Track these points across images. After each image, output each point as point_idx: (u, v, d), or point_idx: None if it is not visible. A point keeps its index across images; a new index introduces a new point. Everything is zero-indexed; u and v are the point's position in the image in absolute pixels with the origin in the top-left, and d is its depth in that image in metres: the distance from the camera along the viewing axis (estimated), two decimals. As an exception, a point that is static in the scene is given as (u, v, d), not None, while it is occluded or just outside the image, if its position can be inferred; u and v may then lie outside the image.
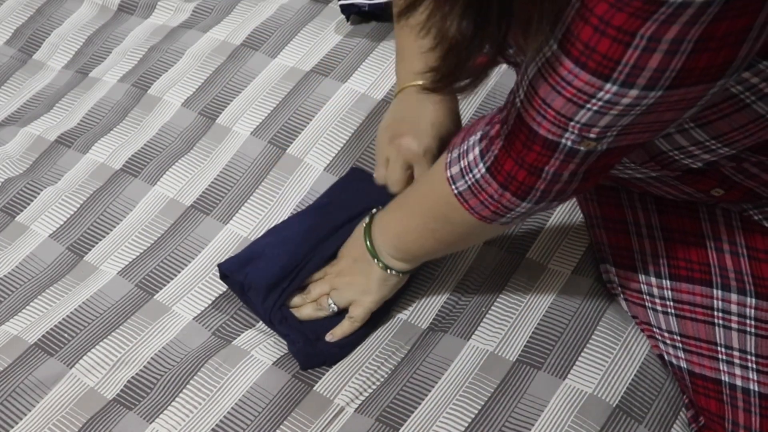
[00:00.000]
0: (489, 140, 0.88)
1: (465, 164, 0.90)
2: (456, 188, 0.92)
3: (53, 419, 1.08)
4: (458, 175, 0.91)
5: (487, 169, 0.88)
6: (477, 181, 0.90)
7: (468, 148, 0.91)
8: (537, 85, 0.78)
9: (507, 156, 0.85)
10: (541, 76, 0.77)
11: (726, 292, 0.99)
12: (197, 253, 1.23)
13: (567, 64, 0.74)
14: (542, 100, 0.78)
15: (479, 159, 0.89)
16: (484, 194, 0.90)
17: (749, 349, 0.97)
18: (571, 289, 1.11)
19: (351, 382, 1.07)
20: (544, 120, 0.79)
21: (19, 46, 1.62)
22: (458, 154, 0.92)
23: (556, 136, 0.80)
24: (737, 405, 0.97)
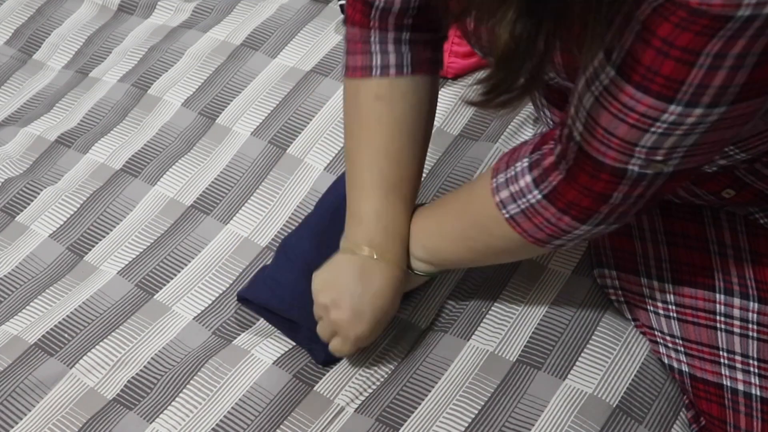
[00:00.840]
0: (543, 171, 0.86)
1: (516, 189, 0.89)
2: (507, 212, 0.90)
3: (53, 419, 1.08)
4: (509, 199, 0.90)
5: (544, 196, 0.87)
6: (532, 206, 0.88)
7: (516, 174, 0.89)
8: (597, 116, 0.77)
9: (569, 187, 0.84)
10: (601, 105, 0.76)
11: (729, 297, 0.99)
12: (197, 253, 1.23)
13: (628, 90, 0.73)
14: (605, 129, 0.77)
15: (532, 186, 0.87)
16: (539, 218, 0.88)
17: (751, 353, 0.97)
18: (571, 289, 1.11)
19: (351, 382, 1.07)
20: (609, 149, 0.78)
21: (19, 46, 1.62)
22: (505, 179, 0.90)
23: (622, 164, 0.79)
24: (739, 409, 0.97)
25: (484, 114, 1.33)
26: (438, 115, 1.33)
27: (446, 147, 1.30)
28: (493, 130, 1.30)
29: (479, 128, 1.31)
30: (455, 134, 1.31)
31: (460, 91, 1.36)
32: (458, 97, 1.35)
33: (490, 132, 1.30)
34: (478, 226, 0.96)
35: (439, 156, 1.29)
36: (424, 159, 1.06)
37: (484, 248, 0.98)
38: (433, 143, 1.30)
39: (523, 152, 0.90)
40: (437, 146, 1.30)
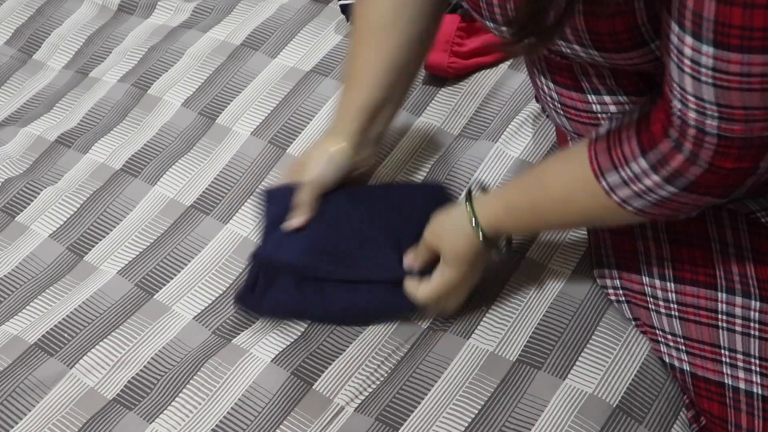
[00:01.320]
0: (674, 171, 0.85)
1: (641, 188, 0.88)
2: (632, 207, 0.90)
3: (53, 419, 1.08)
4: (633, 197, 0.89)
5: (683, 189, 0.86)
6: (666, 198, 0.87)
7: (637, 175, 0.87)
8: (728, 100, 0.76)
9: (713, 176, 0.83)
10: (723, 88, 0.75)
11: (730, 295, 0.99)
12: (197, 253, 1.23)
13: (735, 58, 0.73)
14: (743, 108, 0.77)
15: (665, 183, 0.86)
16: (674, 203, 0.88)
17: (753, 352, 0.97)
18: (571, 289, 1.11)
19: (351, 381, 1.07)
20: (756, 123, 0.78)
21: (19, 46, 1.62)
22: (622, 180, 0.89)
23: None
24: (740, 408, 0.97)
25: (484, 114, 1.33)
26: (438, 115, 1.34)
27: (446, 147, 1.30)
28: (493, 130, 1.30)
29: (479, 128, 1.31)
30: (455, 134, 1.31)
31: (461, 90, 1.36)
32: (458, 97, 1.35)
33: (490, 132, 1.30)
34: (588, 218, 1.00)
35: (440, 155, 1.29)
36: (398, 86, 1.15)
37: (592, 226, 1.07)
38: (433, 143, 1.30)
39: (629, 153, 0.88)
40: (437, 146, 1.30)
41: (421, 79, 1.39)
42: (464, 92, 1.36)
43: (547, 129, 1.28)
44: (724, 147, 0.81)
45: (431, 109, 1.35)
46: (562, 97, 1.02)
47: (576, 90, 1.00)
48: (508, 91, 1.35)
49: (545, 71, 1.02)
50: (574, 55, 0.92)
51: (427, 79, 1.39)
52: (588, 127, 1.02)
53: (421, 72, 1.39)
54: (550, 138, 1.27)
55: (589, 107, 1.00)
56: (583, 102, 1.00)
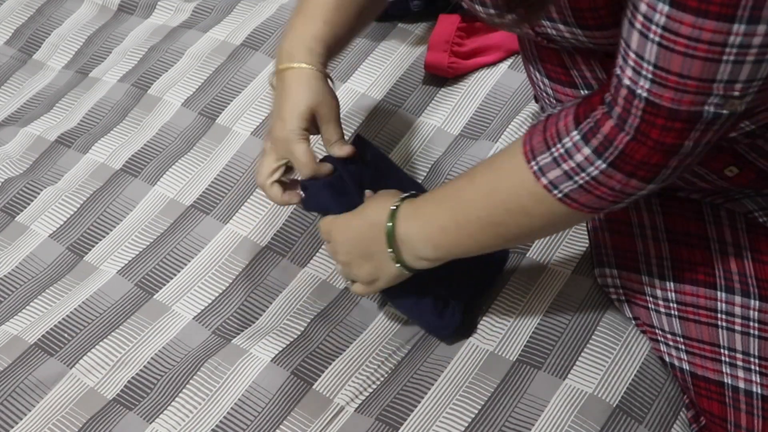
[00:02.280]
0: (604, 138, 0.84)
1: (572, 166, 0.86)
2: (560, 191, 0.87)
3: (53, 419, 1.08)
4: (561, 178, 0.87)
5: (610, 163, 0.84)
6: (594, 178, 0.85)
7: (568, 149, 0.86)
8: (667, 64, 0.76)
9: (639, 146, 0.82)
10: (667, 49, 0.75)
11: (730, 295, 0.99)
12: (197, 252, 1.23)
13: (688, 20, 0.72)
14: (678, 75, 0.76)
15: (594, 157, 0.85)
16: (603, 188, 0.86)
17: (752, 351, 0.97)
18: (571, 289, 1.11)
19: (351, 381, 1.07)
20: (686, 94, 0.77)
21: (19, 46, 1.62)
22: (552, 158, 0.87)
23: (698, 105, 0.78)
24: (740, 407, 0.97)
25: (484, 114, 1.33)
26: (438, 115, 1.34)
27: (446, 146, 1.30)
28: (493, 130, 1.30)
29: (479, 128, 1.31)
30: (455, 134, 1.31)
31: (460, 91, 1.36)
32: (458, 97, 1.35)
33: (490, 131, 1.30)
34: (515, 211, 0.92)
35: (440, 155, 1.29)
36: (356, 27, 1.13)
37: (519, 231, 0.94)
38: (433, 143, 1.31)
39: (563, 127, 0.87)
40: (437, 145, 1.30)
41: (421, 79, 1.39)
42: (464, 92, 1.36)
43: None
44: (651, 114, 0.80)
45: (431, 109, 1.35)
46: (557, 93, 1.02)
47: (570, 86, 1.00)
48: (508, 91, 1.35)
49: (538, 63, 1.02)
50: (560, 37, 0.92)
51: (427, 79, 1.39)
52: None
53: (421, 72, 1.39)
54: (550, 138, 1.27)
55: None
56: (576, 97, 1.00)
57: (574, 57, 0.97)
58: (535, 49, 1.02)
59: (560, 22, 0.89)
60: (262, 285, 1.18)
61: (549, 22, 0.91)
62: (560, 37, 0.92)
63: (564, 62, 0.99)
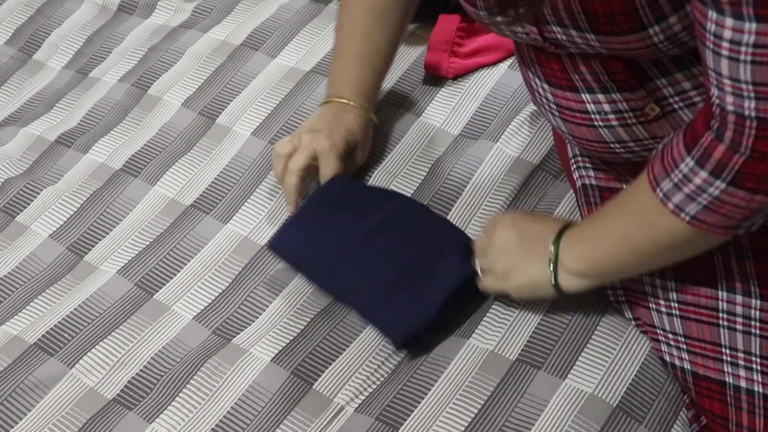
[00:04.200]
0: (718, 162, 0.84)
1: (692, 189, 0.87)
2: (687, 214, 0.88)
3: (53, 419, 1.08)
4: (686, 201, 0.88)
5: (730, 183, 0.85)
6: (717, 198, 0.86)
7: (686, 175, 0.87)
8: (765, 77, 0.76)
9: (757, 163, 0.83)
10: (761, 64, 0.75)
11: (731, 294, 0.99)
12: (197, 252, 1.23)
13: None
14: None
15: (713, 179, 0.85)
16: (727, 207, 0.86)
17: (754, 350, 0.97)
18: (572, 288, 1.11)
19: (351, 381, 1.07)
20: None
21: (19, 46, 1.62)
22: (674, 184, 0.88)
23: None
24: (741, 407, 0.97)
25: (484, 114, 1.33)
26: (438, 115, 1.34)
27: (447, 146, 1.30)
28: (493, 130, 1.30)
29: (479, 128, 1.31)
30: (455, 134, 1.31)
31: (460, 91, 1.36)
32: (458, 97, 1.35)
33: (490, 131, 1.30)
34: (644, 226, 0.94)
35: (440, 155, 1.29)
36: (397, 38, 1.29)
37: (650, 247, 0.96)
38: (433, 143, 1.31)
39: (677, 155, 0.88)
40: (437, 145, 1.30)
41: (421, 79, 1.39)
42: (464, 92, 1.36)
43: (546, 129, 1.28)
44: (765, 130, 0.80)
45: (431, 109, 1.35)
46: (557, 98, 1.02)
47: (570, 90, 1.00)
48: (508, 91, 1.35)
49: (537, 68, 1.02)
50: (570, 42, 0.92)
51: (427, 79, 1.39)
52: (582, 129, 1.02)
53: (421, 72, 1.39)
54: (550, 138, 1.27)
55: (584, 107, 1.00)
56: (577, 102, 1.00)
57: (575, 60, 0.97)
58: (534, 54, 1.02)
59: (572, 27, 0.89)
60: (262, 285, 1.18)
61: (560, 28, 0.90)
62: (570, 43, 0.92)
63: (564, 66, 0.99)
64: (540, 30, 0.93)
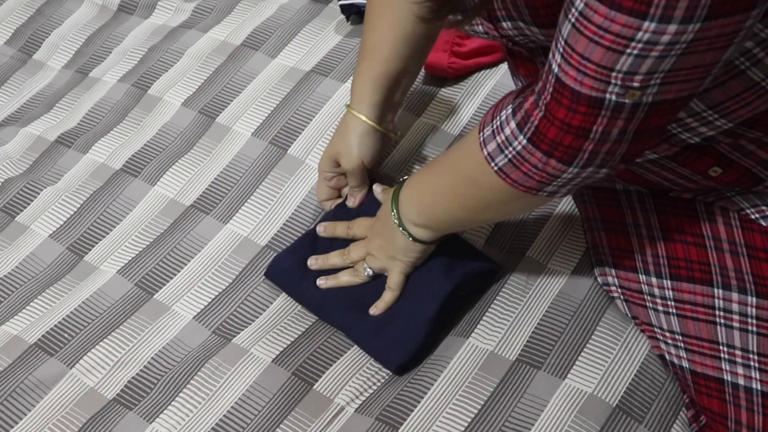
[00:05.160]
0: (524, 113, 0.87)
1: (502, 139, 0.90)
2: (496, 164, 0.91)
3: (53, 419, 1.08)
4: (496, 151, 0.91)
5: (528, 139, 0.87)
6: (518, 153, 0.89)
7: (501, 123, 0.90)
8: (574, 42, 0.78)
9: (550, 124, 0.85)
10: (577, 31, 0.77)
11: (727, 291, 0.99)
12: (197, 252, 1.23)
13: (602, 10, 0.73)
14: (581, 55, 0.78)
15: (517, 132, 0.88)
16: (527, 165, 0.89)
17: (751, 347, 0.97)
18: (571, 289, 1.11)
19: (351, 381, 1.07)
20: (586, 77, 0.79)
21: (19, 46, 1.62)
22: (492, 130, 0.91)
23: (599, 92, 0.79)
24: (740, 404, 0.97)
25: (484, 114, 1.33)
26: (438, 115, 1.34)
27: (447, 146, 1.30)
28: (493, 130, 1.30)
29: (479, 128, 1.31)
30: (455, 134, 1.31)
31: (461, 91, 1.36)
32: (458, 97, 1.35)
33: (490, 132, 1.30)
34: (468, 181, 0.98)
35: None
36: (414, 56, 1.19)
37: (476, 203, 1.00)
38: (433, 143, 1.31)
39: (507, 101, 0.92)
40: (437, 145, 1.30)
41: (421, 79, 1.39)
42: (464, 92, 1.36)
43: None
44: (558, 92, 0.82)
45: (431, 109, 1.35)
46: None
47: None
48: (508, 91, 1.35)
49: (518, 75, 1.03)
50: (521, 36, 0.93)
51: (427, 79, 1.39)
52: None
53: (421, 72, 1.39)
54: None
55: None
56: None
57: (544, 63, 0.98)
58: (512, 62, 1.03)
59: (519, 20, 0.90)
60: (262, 285, 1.18)
61: (510, 22, 0.91)
62: (522, 37, 0.93)
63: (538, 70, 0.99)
64: (495, 27, 0.94)
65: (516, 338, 1.08)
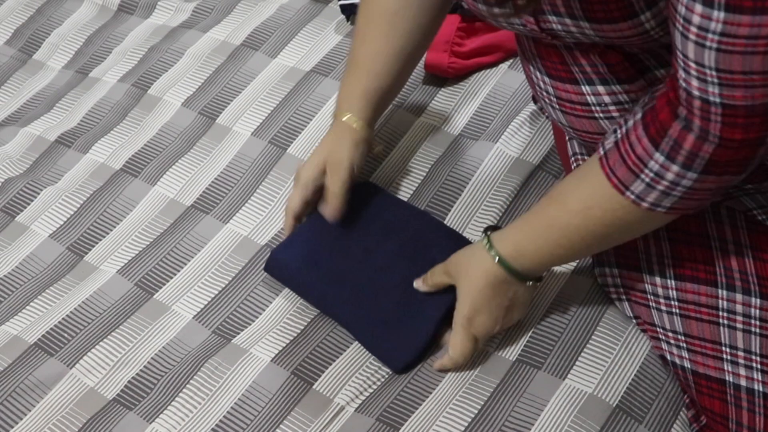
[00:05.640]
0: (689, 153, 0.85)
1: (666, 185, 0.88)
2: (662, 207, 0.90)
3: (53, 419, 1.08)
4: (660, 197, 0.89)
5: (701, 172, 0.86)
6: (690, 188, 0.88)
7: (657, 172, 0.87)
8: (729, 65, 0.77)
9: (726, 151, 0.84)
10: (726, 53, 0.76)
11: (731, 292, 0.99)
12: (197, 252, 1.23)
13: (746, 21, 0.73)
14: (743, 72, 0.77)
15: (685, 171, 0.86)
16: (699, 192, 0.88)
17: (754, 349, 0.97)
18: (571, 289, 1.11)
19: (351, 381, 1.07)
20: (755, 89, 0.78)
21: (19, 46, 1.62)
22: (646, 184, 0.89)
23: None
24: (741, 405, 0.97)
25: (485, 114, 1.33)
26: (438, 115, 1.34)
27: (446, 147, 1.30)
28: (493, 130, 1.30)
29: (479, 128, 1.31)
30: (455, 134, 1.31)
31: (460, 91, 1.36)
32: (458, 97, 1.35)
33: (490, 132, 1.30)
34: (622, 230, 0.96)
35: (439, 156, 1.29)
36: (403, 74, 1.21)
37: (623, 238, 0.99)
38: (433, 143, 1.31)
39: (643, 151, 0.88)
40: (437, 146, 1.30)
41: (421, 79, 1.39)
42: (464, 92, 1.36)
43: (546, 129, 1.28)
44: (730, 117, 0.81)
45: (431, 109, 1.35)
46: (558, 91, 1.02)
47: (570, 82, 1.00)
48: (508, 91, 1.35)
49: (538, 61, 1.02)
50: (566, 32, 0.92)
51: (427, 79, 1.39)
52: (583, 121, 1.03)
53: (421, 72, 1.39)
54: (550, 138, 1.27)
55: (584, 99, 1.00)
56: (577, 94, 1.00)
57: (573, 52, 0.98)
58: (534, 48, 1.02)
59: (568, 16, 0.90)
60: (262, 284, 1.18)
61: (555, 17, 0.91)
62: (566, 32, 0.93)
63: (564, 59, 0.99)
64: (537, 21, 0.93)
65: (516, 338, 1.08)
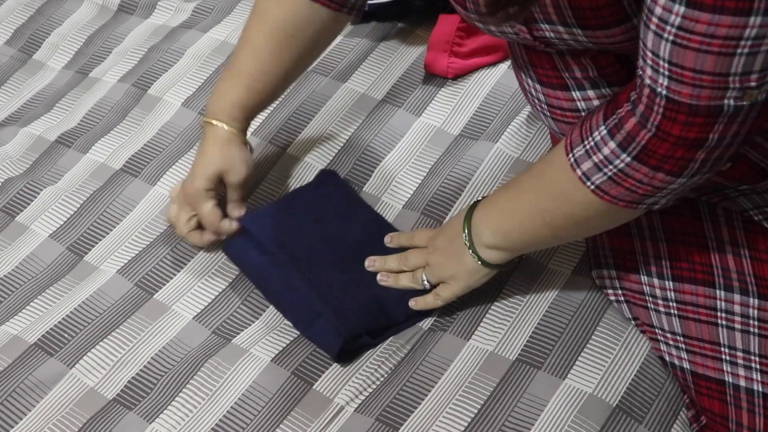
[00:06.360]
0: (627, 134, 0.86)
1: (600, 158, 0.89)
2: (592, 183, 0.90)
3: (53, 419, 1.08)
4: (593, 169, 0.90)
5: (634, 157, 0.86)
6: (621, 170, 0.88)
7: (597, 143, 0.89)
8: (682, 60, 0.77)
9: (661, 142, 0.84)
10: (681, 47, 0.76)
11: (729, 293, 0.99)
12: (197, 252, 1.23)
13: (704, 18, 0.73)
14: (692, 70, 0.77)
15: (619, 151, 0.87)
16: (630, 180, 0.88)
17: (753, 349, 0.97)
18: (571, 289, 1.11)
19: (351, 381, 1.07)
20: (702, 89, 0.78)
21: (19, 46, 1.62)
22: (585, 150, 0.90)
23: (718, 100, 0.79)
24: (741, 406, 0.97)
25: (485, 114, 1.33)
26: (438, 115, 1.34)
27: (446, 147, 1.30)
28: (493, 130, 1.30)
29: (479, 128, 1.31)
30: (455, 134, 1.31)
31: (460, 91, 1.36)
32: (458, 97, 1.35)
33: (490, 132, 1.30)
34: (556, 198, 0.96)
35: (440, 155, 1.29)
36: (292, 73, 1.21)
37: (563, 221, 0.98)
38: (433, 143, 1.31)
39: (594, 123, 0.90)
40: (437, 145, 1.30)
41: (421, 79, 1.39)
42: (464, 92, 1.36)
43: (546, 129, 1.28)
44: (672, 111, 0.81)
45: (431, 109, 1.35)
46: (549, 98, 1.02)
47: (561, 88, 1.00)
48: (508, 91, 1.35)
49: (530, 68, 1.02)
50: (558, 39, 0.92)
51: (427, 79, 1.39)
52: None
53: (421, 72, 1.39)
54: (549, 138, 1.27)
55: (574, 105, 1.00)
56: (568, 100, 1.00)
57: (565, 58, 0.98)
58: (526, 55, 1.02)
59: (560, 24, 0.90)
60: (262, 285, 1.18)
61: (548, 25, 0.91)
62: (558, 39, 0.93)
63: (555, 65, 0.99)
64: (529, 29, 0.93)
65: (516, 338, 1.08)
